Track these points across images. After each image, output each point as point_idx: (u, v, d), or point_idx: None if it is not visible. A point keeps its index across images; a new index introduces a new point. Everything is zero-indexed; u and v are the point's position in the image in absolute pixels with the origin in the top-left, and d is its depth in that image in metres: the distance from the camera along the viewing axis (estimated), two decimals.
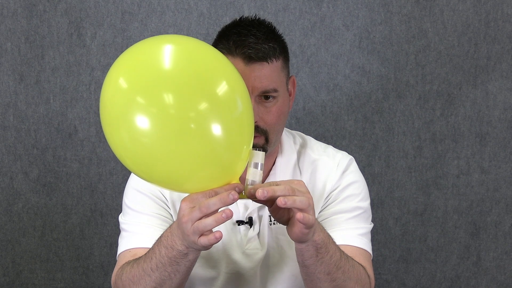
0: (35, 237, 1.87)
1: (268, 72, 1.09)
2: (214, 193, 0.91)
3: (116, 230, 1.85)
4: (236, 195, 0.90)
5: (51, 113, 1.80)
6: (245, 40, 1.08)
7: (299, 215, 0.92)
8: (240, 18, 1.14)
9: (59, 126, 1.81)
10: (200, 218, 0.90)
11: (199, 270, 1.20)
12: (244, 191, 0.94)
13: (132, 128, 0.84)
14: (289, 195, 0.91)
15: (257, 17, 1.14)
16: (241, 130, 0.90)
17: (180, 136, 0.83)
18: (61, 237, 1.87)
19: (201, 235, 0.91)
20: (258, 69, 1.08)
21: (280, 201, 0.90)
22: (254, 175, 0.95)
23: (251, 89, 1.08)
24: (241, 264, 1.20)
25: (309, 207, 0.92)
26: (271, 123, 1.12)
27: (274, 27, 1.15)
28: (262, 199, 0.91)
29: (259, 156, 0.95)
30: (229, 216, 0.90)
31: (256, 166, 0.95)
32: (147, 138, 0.83)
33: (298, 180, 0.97)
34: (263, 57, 1.08)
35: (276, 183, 0.94)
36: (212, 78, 0.87)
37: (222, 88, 0.86)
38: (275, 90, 1.10)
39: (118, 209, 1.73)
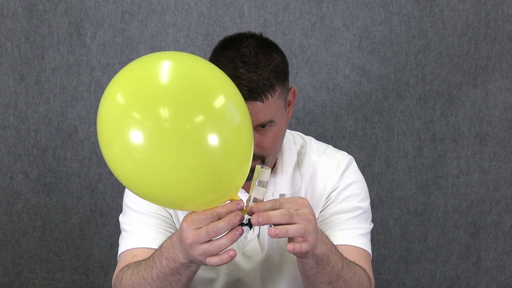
0: (35, 237, 1.87)
1: (262, 108, 1.04)
2: (216, 213, 0.89)
3: (116, 230, 1.85)
4: (242, 215, 0.90)
5: (51, 113, 1.80)
6: (239, 76, 1.01)
7: (289, 247, 0.90)
8: (233, 38, 1.08)
9: (59, 126, 1.81)
10: (207, 241, 0.89)
11: (199, 272, 1.20)
12: (246, 207, 0.92)
13: (127, 143, 0.83)
14: (284, 223, 0.89)
15: (253, 34, 1.08)
16: (239, 141, 0.88)
17: (175, 148, 0.82)
18: (61, 237, 1.87)
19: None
20: (253, 106, 1.03)
21: (270, 233, 0.89)
22: (258, 192, 0.93)
23: None
24: (241, 266, 1.19)
25: (305, 234, 0.90)
26: (268, 148, 1.09)
27: (272, 44, 1.09)
28: (256, 225, 0.90)
29: (265, 174, 0.93)
30: (242, 233, 0.90)
31: (260, 184, 0.93)
32: (140, 153, 0.82)
33: (302, 198, 0.95)
34: (257, 97, 1.03)
35: (279, 203, 0.92)
36: (208, 92, 0.86)
37: (218, 101, 0.86)
38: (271, 121, 1.07)
39: (118, 209, 1.73)
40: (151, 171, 0.84)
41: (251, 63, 1.03)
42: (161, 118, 0.82)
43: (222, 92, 0.87)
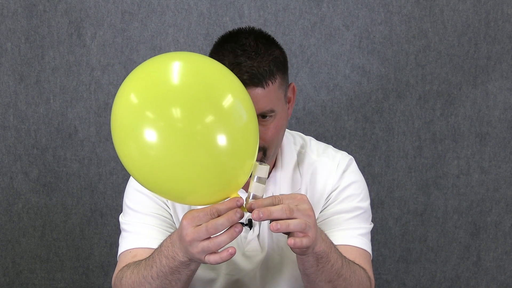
0: (35, 237, 1.87)
1: (264, 95, 1.05)
2: (216, 210, 0.90)
3: (116, 230, 1.85)
4: (242, 213, 0.90)
5: (51, 113, 1.80)
6: (240, 63, 1.03)
7: (290, 241, 0.91)
8: (233, 32, 1.09)
9: (59, 126, 1.81)
10: (206, 238, 0.90)
11: (199, 272, 1.20)
12: (245, 204, 0.93)
13: (141, 141, 0.86)
14: (285, 218, 0.90)
15: (253, 28, 1.10)
16: (246, 140, 0.90)
17: (186, 147, 0.85)
18: (61, 237, 1.87)
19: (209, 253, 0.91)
20: (254, 93, 1.04)
21: (272, 227, 0.89)
22: (257, 189, 0.94)
23: None
24: (241, 266, 1.19)
25: (306, 229, 0.91)
26: (270, 139, 1.09)
27: (272, 38, 1.10)
28: (257, 220, 0.90)
29: (264, 170, 0.94)
30: (241, 230, 0.90)
31: (259, 180, 0.94)
32: (153, 151, 0.85)
33: (301, 194, 0.96)
34: (258, 83, 1.03)
35: (278, 199, 0.93)
36: (218, 92, 0.89)
37: (228, 101, 0.88)
38: (272, 111, 1.07)
39: (118, 209, 1.73)
40: (161, 167, 0.86)
41: (251, 51, 1.04)
42: (174, 118, 0.85)
43: (230, 92, 0.90)
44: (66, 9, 1.75)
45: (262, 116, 1.07)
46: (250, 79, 1.02)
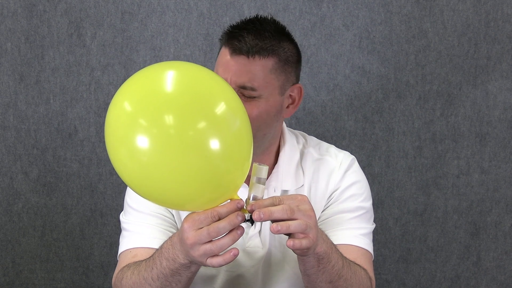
0: (35, 237, 1.87)
1: (247, 68, 1.06)
2: (217, 213, 0.90)
3: (116, 230, 1.85)
4: (243, 215, 0.90)
5: (51, 113, 1.80)
6: (237, 32, 1.06)
7: (289, 243, 0.91)
8: (256, 16, 1.13)
9: (59, 126, 1.81)
10: (208, 241, 0.90)
11: (199, 269, 1.20)
12: (246, 205, 0.93)
13: (133, 148, 0.87)
14: (285, 218, 0.90)
15: (273, 18, 1.12)
16: (239, 145, 0.91)
17: (179, 153, 0.86)
18: (61, 237, 1.87)
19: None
20: (238, 63, 1.06)
21: (272, 228, 0.89)
22: (257, 190, 0.94)
23: (229, 81, 1.07)
24: (241, 262, 1.19)
25: (306, 230, 0.91)
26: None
27: (287, 33, 1.13)
28: (258, 221, 0.90)
29: (262, 171, 0.94)
30: (243, 232, 0.91)
31: (259, 181, 0.94)
32: (146, 157, 0.86)
33: (301, 195, 0.96)
34: (245, 51, 1.05)
35: (279, 199, 0.93)
36: (210, 99, 0.90)
37: (220, 108, 0.89)
38: (253, 89, 1.07)
39: (118, 209, 1.73)
40: (155, 174, 0.87)
41: (256, 28, 1.07)
42: (166, 124, 0.86)
43: (223, 99, 0.91)
44: (66, 9, 1.75)
45: (243, 95, 1.07)
46: (239, 47, 1.05)
